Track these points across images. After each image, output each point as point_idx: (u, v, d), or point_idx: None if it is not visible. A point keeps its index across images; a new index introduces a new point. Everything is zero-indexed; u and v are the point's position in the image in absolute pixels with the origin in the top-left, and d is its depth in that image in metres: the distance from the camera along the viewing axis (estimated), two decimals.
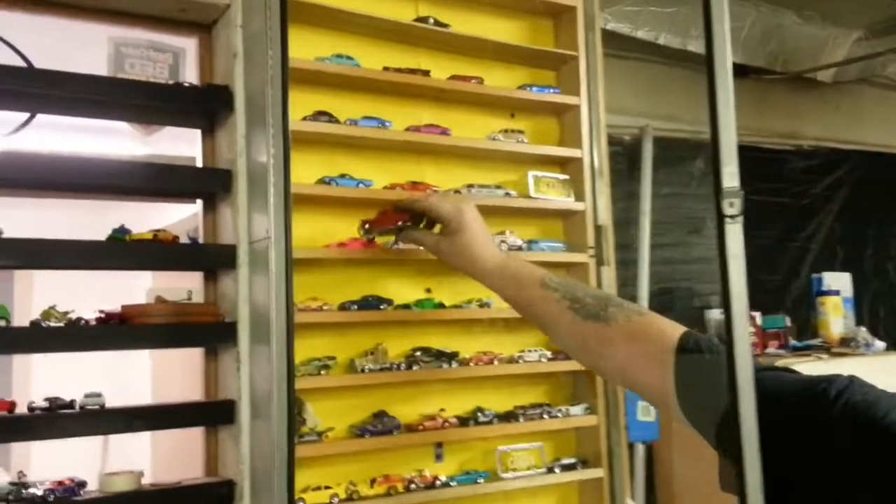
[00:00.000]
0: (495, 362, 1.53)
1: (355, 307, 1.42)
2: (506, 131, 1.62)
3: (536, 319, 1.22)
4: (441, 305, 1.51)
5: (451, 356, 1.49)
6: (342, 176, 1.44)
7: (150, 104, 1.37)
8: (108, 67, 1.41)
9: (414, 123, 1.52)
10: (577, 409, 1.58)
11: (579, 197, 1.67)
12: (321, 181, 1.42)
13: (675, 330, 1.00)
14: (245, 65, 1.39)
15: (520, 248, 1.59)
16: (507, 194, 1.59)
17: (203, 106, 1.42)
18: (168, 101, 1.38)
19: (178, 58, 1.49)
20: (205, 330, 1.35)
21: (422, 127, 1.52)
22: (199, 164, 1.47)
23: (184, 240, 1.36)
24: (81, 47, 1.43)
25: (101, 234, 1.28)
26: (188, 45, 1.50)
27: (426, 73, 1.54)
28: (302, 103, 1.44)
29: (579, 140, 1.68)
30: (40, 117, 1.36)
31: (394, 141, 1.49)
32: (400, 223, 1.37)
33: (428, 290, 1.54)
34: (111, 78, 1.35)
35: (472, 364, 1.51)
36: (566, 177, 1.69)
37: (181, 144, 1.64)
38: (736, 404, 0.73)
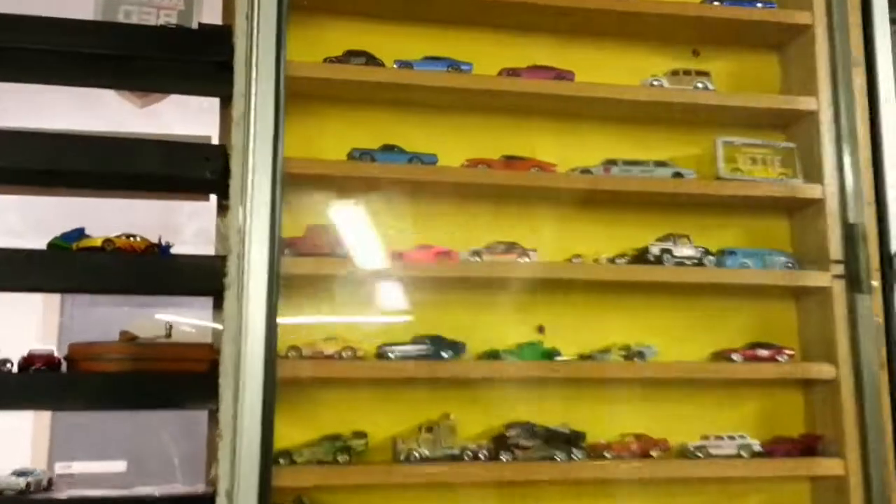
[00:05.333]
0: (653, 453, 0.91)
1: (396, 354, 0.88)
2: (675, 73, 0.99)
3: None
4: (554, 354, 0.92)
5: (572, 439, 0.92)
6: (387, 148, 0.92)
7: (129, 54, 0.97)
8: (94, 17, 1.05)
9: (511, 65, 0.96)
10: None
11: (812, 177, 0.99)
12: (351, 156, 0.91)
13: None
14: None
15: (699, 263, 0.95)
16: (678, 174, 0.97)
17: (200, 56, 0.98)
18: (152, 49, 0.97)
19: (191, 2, 1.09)
20: (173, 384, 0.90)
21: (524, 70, 0.95)
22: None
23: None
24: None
25: None
26: None
27: None
28: (331, 42, 0.95)
29: (814, 84, 1.01)
30: None
31: (475, 91, 0.94)
32: None
33: (540, 330, 0.96)
34: (65, 20, 0.95)
35: (609, 455, 0.91)
36: (790, 145, 1.02)
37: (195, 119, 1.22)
38: None
